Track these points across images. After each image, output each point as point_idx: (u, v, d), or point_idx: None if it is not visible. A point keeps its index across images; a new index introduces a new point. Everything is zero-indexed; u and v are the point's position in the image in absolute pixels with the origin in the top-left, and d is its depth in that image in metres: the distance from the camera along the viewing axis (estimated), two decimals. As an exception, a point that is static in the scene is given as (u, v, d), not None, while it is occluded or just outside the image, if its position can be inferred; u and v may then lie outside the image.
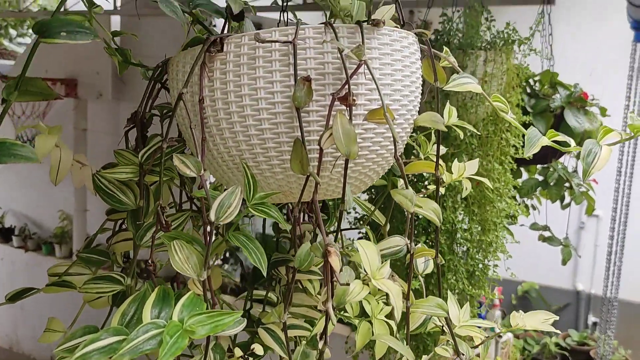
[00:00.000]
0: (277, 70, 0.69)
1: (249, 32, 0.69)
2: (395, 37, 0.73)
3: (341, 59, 0.67)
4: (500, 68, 1.62)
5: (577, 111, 2.16)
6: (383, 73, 0.72)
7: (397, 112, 0.74)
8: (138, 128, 0.86)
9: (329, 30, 0.69)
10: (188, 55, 0.77)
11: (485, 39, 1.64)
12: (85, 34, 0.61)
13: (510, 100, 1.73)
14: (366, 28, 0.70)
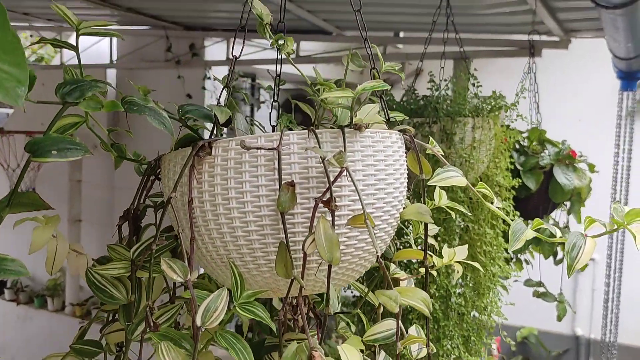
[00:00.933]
0: (263, 175, 0.71)
1: (236, 138, 0.71)
2: (377, 139, 0.76)
3: (323, 166, 0.69)
4: (488, 134, 1.66)
5: (566, 168, 2.19)
6: (366, 174, 0.74)
7: (381, 210, 0.76)
8: (130, 223, 0.87)
9: (312, 136, 0.71)
10: (179, 155, 0.79)
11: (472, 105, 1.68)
12: (76, 150, 0.63)
13: (499, 165, 1.76)
14: (348, 132, 0.73)
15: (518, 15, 3.16)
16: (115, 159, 0.89)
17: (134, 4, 4.02)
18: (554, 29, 3.35)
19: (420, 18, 3.61)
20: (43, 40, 0.83)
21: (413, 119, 1.67)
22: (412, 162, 0.84)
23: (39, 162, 0.62)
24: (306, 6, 3.50)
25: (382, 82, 0.76)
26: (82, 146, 0.64)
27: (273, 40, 0.85)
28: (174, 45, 4.84)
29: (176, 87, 4.88)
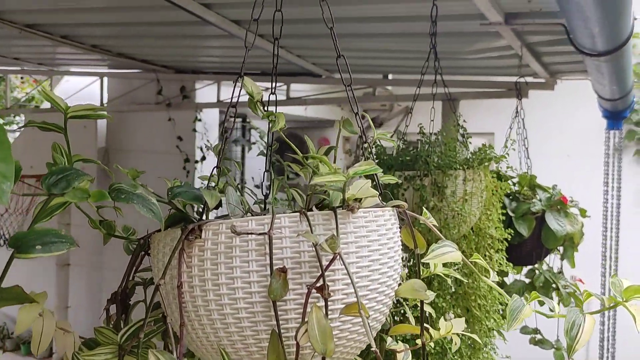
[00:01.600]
0: (254, 260, 0.70)
1: (227, 221, 0.70)
2: (370, 218, 0.75)
3: (316, 252, 0.68)
4: (479, 186, 1.66)
5: (558, 214, 2.19)
6: (360, 256, 0.72)
7: (376, 291, 0.75)
8: (119, 304, 0.85)
9: (304, 219, 0.70)
10: (168, 236, 0.77)
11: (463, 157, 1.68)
12: (61, 243, 0.61)
13: (491, 218, 1.76)
14: (341, 214, 0.72)
15: (504, 59, 3.21)
16: (104, 236, 0.87)
17: (125, 50, 4.05)
18: (540, 72, 3.40)
19: (407, 62, 3.65)
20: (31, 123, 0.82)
21: (404, 171, 1.67)
22: (406, 237, 0.83)
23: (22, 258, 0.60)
24: (295, 51, 3.54)
25: (374, 166, 0.75)
26: (67, 239, 0.63)
27: (264, 115, 0.85)
28: (164, 88, 4.86)
29: (167, 129, 4.89)
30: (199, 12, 2.64)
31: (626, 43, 2.24)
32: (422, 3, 2.28)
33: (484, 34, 2.72)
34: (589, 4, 1.67)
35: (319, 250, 0.68)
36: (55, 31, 3.53)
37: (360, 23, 2.78)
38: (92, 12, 3.03)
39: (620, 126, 3.89)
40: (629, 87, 3.30)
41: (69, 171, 0.68)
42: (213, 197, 0.75)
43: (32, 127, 3.27)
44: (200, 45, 3.81)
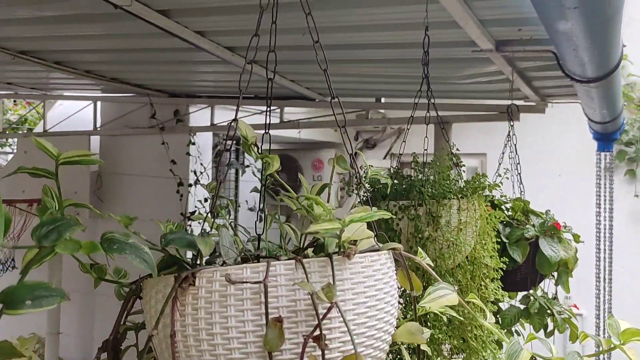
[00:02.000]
0: (249, 309, 0.69)
1: (221, 269, 0.70)
2: (367, 263, 0.75)
3: (312, 301, 0.68)
4: (473, 215, 1.66)
5: (552, 239, 2.19)
6: (357, 303, 0.72)
7: (373, 337, 0.74)
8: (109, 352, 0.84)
9: (300, 267, 0.70)
10: (161, 283, 0.76)
11: (457, 186, 1.69)
12: (52, 297, 0.60)
13: (486, 247, 1.76)
14: (337, 260, 0.72)
15: (496, 84, 3.24)
16: (95, 280, 0.86)
17: (118, 75, 4.06)
18: (531, 95, 3.43)
19: (400, 86, 3.68)
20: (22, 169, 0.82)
21: (399, 201, 1.68)
22: (403, 279, 0.83)
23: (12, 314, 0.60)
24: (289, 76, 3.56)
25: (370, 212, 0.75)
26: (58, 292, 0.62)
27: (258, 157, 0.85)
28: (158, 112, 4.87)
29: (160, 152, 4.88)
30: (193, 39, 2.65)
31: (615, 70, 2.27)
32: (414, 31, 2.30)
33: (476, 60, 2.74)
34: (577, 34, 1.69)
35: (316, 299, 0.67)
36: (49, 57, 3.54)
37: (353, 50, 2.80)
38: (85, 39, 3.04)
39: (611, 148, 3.92)
40: (619, 110, 3.34)
41: (60, 221, 0.68)
42: (207, 245, 0.75)
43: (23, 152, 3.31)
44: (194, 71, 3.83)
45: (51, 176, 0.79)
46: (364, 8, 2.15)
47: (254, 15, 2.34)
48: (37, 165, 2.19)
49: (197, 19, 2.51)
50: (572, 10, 1.49)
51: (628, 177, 5.52)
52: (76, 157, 0.78)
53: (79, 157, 0.79)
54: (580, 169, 5.52)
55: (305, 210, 0.89)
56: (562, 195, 5.73)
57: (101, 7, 2.26)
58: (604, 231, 3.85)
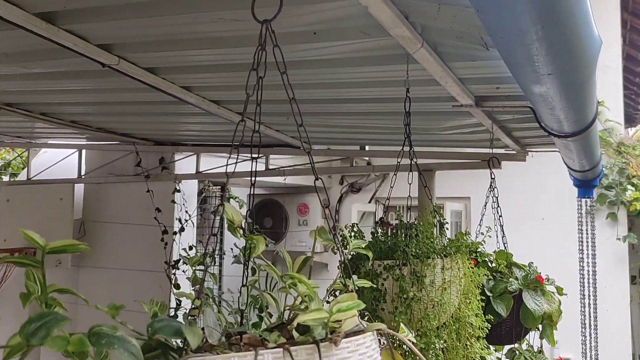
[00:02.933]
0: (237, 399, 0.70)
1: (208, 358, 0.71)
2: (353, 348, 0.76)
3: (300, 391, 0.69)
4: (457, 274, 1.68)
5: (535, 292, 2.22)
6: (342, 390, 0.73)
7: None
8: None
9: (287, 355, 0.71)
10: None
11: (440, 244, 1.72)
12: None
13: (471, 306, 1.77)
14: (324, 347, 0.73)
15: (477, 134, 3.31)
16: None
17: (104, 125, 4.09)
18: (511, 145, 3.51)
19: (383, 136, 3.75)
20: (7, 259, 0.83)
21: (383, 261, 1.69)
22: (387, 358, 0.84)
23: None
24: (274, 127, 3.61)
25: (357, 301, 0.77)
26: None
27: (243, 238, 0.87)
28: (143, 159, 4.88)
29: (145, 200, 4.87)
30: (179, 94, 2.70)
31: (591, 125, 2.34)
32: (396, 87, 2.37)
33: (456, 113, 2.82)
34: (553, 96, 1.75)
35: (302, 389, 0.68)
36: (35, 109, 3.56)
37: (338, 104, 2.86)
38: (72, 92, 3.07)
39: (591, 194, 3.99)
40: (597, 159, 3.42)
41: (47, 317, 0.68)
42: (195, 335, 0.76)
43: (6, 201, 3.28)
44: (179, 121, 3.87)
45: (37, 264, 0.80)
46: (347, 67, 2.22)
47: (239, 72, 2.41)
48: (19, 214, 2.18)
49: (184, 76, 2.56)
50: (546, 76, 1.55)
51: (610, 220, 5.60)
52: (62, 246, 0.79)
53: (66, 246, 0.80)
54: (563, 213, 5.61)
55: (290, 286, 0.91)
56: (546, 238, 5.80)
57: (88, 65, 2.30)
58: (588, 277, 3.89)
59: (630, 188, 5.50)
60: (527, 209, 5.87)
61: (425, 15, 1.57)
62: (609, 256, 5.55)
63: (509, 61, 1.58)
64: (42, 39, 1.98)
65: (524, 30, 1.23)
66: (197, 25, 1.87)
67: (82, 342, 0.69)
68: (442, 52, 1.92)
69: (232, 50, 2.11)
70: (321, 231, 1.01)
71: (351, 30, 1.81)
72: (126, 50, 2.21)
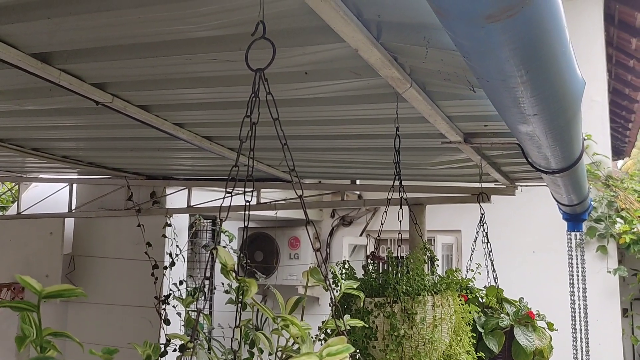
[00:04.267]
0: None
1: (201, 404, 0.71)
2: (343, 393, 0.77)
3: None
4: (448, 311, 1.69)
5: (526, 328, 2.22)
6: None
7: None
8: None
9: (279, 401, 0.71)
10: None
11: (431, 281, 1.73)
12: None
13: (462, 343, 1.78)
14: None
15: (466, 169, 3.35)
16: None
17: (95, 160, 4.10)
18: (500, 179, 3.55)
19: (374, 170, 3.78)
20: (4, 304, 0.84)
21: (374, 298, 1.70)
22: (377, 401, 0.84)
23: None
24: (266, 161, 3.64)
25: (347, 345, 0.78)
26: None
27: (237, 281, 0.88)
28: (134, 193, 4.88)
29: (136, 234, 4.85)
30: (171, 131, 2.73)
31: (578, 161, 2.38)
32: (386, 124, 2.41)
33: (446, 149, 2.86)
34: (540, 135, 1.79)
35: None
36: (27, 144, 3.57)
37: (330, 139, 2.90)
38: (64, 129, 3.09)
39: (580, 228, 4.03)
40: (585, 194, 3.46)
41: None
42: (188, 382, 0.76)
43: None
44: (171, 157, 3.89)
45: (34, 309, 0.81)
46: (339, 105, 2.26)
47: (231, 110, 2.44)
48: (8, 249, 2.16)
49: (176, 113, 2.59)
50: (532, 116, 1.59)
51: (600, 253, 5.63)
52: (59, 291, 0.80)
53: (62, 291, 0.81)
54: (554, 246, 5.63)
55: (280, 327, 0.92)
56: (537, 271, 5.82)
57: (82, 103, 2.32)
58: (579, 310, 3.90)
59: (620, 221, 5.55)
60: (518, 242, 5.89)
61: (413, 57, 1.61)
62: (600, 289, 5.56)
63: (496, 103, 1.62)
64: (36, 77, 2.01)
65: (508, 75, 1.27)
66: (191, 65, 1.90)
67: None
68: (431, 91, 1.97)
69: (225, 89, 2.15)
70: (313, 272, 1.02)
71: (342, 70, 1.85)
72: (120, 89, 2.24)
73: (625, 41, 6.65)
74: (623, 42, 6.77)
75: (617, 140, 9.55)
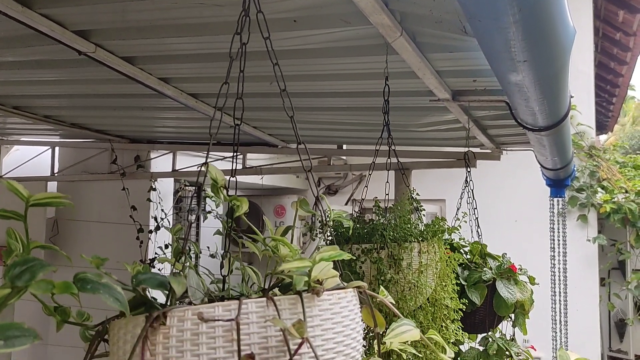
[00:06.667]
0: (221, 346, 0.70)
1: (192, 307, 0.71)
2: (334, 300, 0.77)
3: (284, 337, 0.69)
4: (433, 258, 1.71)
5: (508, 282, 2.25)
6: (325, 339, 0.74)
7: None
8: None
9: (271, 304, 0.71)
10: (130, 323, 0.77)
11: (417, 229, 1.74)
12: (25, 337, 0.60)
13: (446, 289, 1.80)
14: (307, 297, 0.74)
15: (453, 132, 3.36)
16: (57, 322, 0.86)
17: (78, 120, 4.04)
18: (486, 143, 3.57)
19: (361, 133, 3.78)
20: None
21: (361, 244, 1.71)
22: (367, 316, 0.85)
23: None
24: (252, 123, 3.61)
25: (339, 251, 0.78)
26: (30, 332, 0.62)
27: (227, 199, 0.87)
28: (118, 157, 4.83)
29: (121, 198, 4.82)
30: (156, 86, 2.68)
31: (565, 119, 2.40)
32: (375, 80, 2.40)
33: (434, 109, 2.86)
34: (528, 86, 1.79)
35: (287, 335, 0.69)
36: (7, 102, 3.50)
37: (315, 98, 2.88)
38: (46, 84, 3.03)
39: (563, 194, 4.08)
40: (569, 158, 3.50)
41: (32, 262, 0.68)
42: (180, 284, 0.76)
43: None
44: (156, 117, 3.84)
45: (20, 218, 0.79)
46: (325, 58, 2.23)
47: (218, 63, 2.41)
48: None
49: (162, 66, 2.55)
50: (522, 63, 1.59)
51: (580, 222, 5.71)
52: (46, 199, 0.79)
53: (49, 199, 0.79)
54: (535, 215, 5.71)
55: (272, 251, 0.92)
56: (519, 240, 5.90)
57: (64, 54, 2.27)
58: (559, 274, 3.96)
59: (601, 191, 5.63)
60: (501, 211, 5.95)
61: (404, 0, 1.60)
62: (580, 258, 5.66)
63: (487, 48, 1.61)
64: (17, 23, 1.95)
65: (501, 13, 1.27)
66: (177, 10, 1.87)
67: (67, 286, 0.69)
68: (421, 42, 1.95)
69: (212, 38, 2.11)
70: (302, 202, 1.01)
71: (331, 17, 1.83)
72: (103, 38, 2.19)
73: (613, 13, 6.66)
74: (610, 15, 6.78)
75: (600, 115, 9.63)
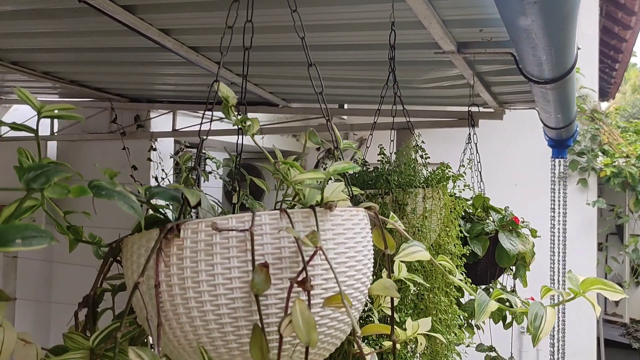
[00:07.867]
0: (235, 256, 0.70)
1: (206, 219, 0.71)
2: (346, 217, 0.77)
3: (297, 246, 0.69)
4: (438, 204, 1.71)
5: (510, 234, 2.26)
6: (337, 252, 0.74)
7: (352, 287, 0.76)
8: (90, 309, 0.83)
9: (284, 216, 0.71)
10: (143, 238, 0.77)
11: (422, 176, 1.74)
12: (42, 237, 0.60)
13: (450, 234, 1.81)
14: (319, 212, 0.74)
15: (456, 89, 3.33)
16: (70, 241, 0.86)
17: (78, 77, 4.00)
18: (490, 101, 3.54)
19: (364, 91, 3.75)
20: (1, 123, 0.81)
21: (366, 190, 1.71)
22: (377, 238, 0.85)
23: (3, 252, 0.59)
24: (253, 80, 3.57)
25: (352, 164, 0.78)
26: (47, 233, 0.62)
27: (237, 120, 0.86)
28: (118, 117, 4.80)
29: (121, 158, 4.81)
30: (156, 37, 2.64)
31: (571, 71, 2.38)
32: (379, 31, 2.37)
33: (438, 63, 2.83)
34: (537, 31, 1.77)
35: (301, 244, 0.69)
36: (5, 57, 3.46)
37: (316, 51, 2.84)
38: (44, 36, 2.98)
39: (564, 154, 4.07)
40: (573, 116, 3.48)
41: (47, 167, 0.68)
42: (194, 194, 0.76)
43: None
44: (156, 73, 3.80)
45: (32, 132, 0.79)
46: (327, 7, 2.20)
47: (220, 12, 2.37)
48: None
49: (162, 16, 2.51)
50: (532, 5, 1.56)
51: (580, 185, 5.73)
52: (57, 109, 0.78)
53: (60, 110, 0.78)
54: (536, 179, 5.71)
55: (282, 176, 0.91)
56: (519, 203, 5.92)
57: (63, 2, 2.23)
58: (558, 235, 3.99)
59: (602, 155, 5.62)
60: (501, 174, 5.96)
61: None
62: (579, 222, 5.69)
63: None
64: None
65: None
66: (180, -48, 1.83)
67: (82, 190, 0.68)
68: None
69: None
70: (311, 134, 1.01)
71: (337, -40, 1.79)
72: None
73: (618, -25, 6.56)
74: (615, -23, 6.68)
75: (602, 82, 9.56)
